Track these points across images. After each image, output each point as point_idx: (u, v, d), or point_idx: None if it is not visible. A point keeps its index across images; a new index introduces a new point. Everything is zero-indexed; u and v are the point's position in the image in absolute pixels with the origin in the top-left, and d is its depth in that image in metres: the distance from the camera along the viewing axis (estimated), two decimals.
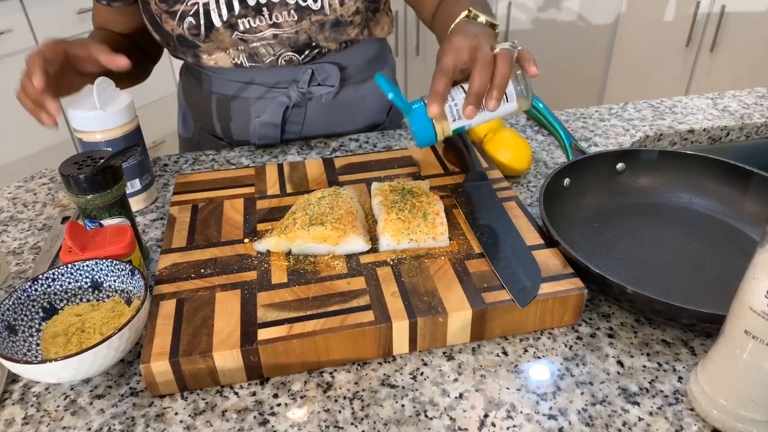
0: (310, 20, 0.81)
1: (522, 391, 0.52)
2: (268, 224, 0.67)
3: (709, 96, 1.04)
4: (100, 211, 0.63)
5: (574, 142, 0.84)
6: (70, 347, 0.53)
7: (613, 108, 1.01)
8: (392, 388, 0.52)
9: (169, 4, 0.78)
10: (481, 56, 0.58)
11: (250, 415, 0.50)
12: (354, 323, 0.53)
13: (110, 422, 0.50)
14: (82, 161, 0.62)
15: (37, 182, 0.87)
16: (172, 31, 0.80)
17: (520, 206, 0.68)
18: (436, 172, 0.76)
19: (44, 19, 1.94)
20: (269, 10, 0.80)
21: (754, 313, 0.42)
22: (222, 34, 0.80)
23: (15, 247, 0.72)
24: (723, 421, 0.47)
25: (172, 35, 0.81)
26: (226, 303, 0.56)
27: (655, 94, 1.88)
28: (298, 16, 0.81)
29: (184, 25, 0.79)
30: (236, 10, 0.79)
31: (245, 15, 0.79)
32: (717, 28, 2.22)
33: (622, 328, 0.58)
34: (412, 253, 0.61)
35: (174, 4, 0.78)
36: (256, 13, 0.80)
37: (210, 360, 0.51)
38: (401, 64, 2.48)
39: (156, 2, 0.79)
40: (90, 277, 0.58)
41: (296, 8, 0.80)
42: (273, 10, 0.80)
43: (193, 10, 0.78)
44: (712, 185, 0.72)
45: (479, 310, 0.54)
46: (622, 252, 0.66)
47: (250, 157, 0.89)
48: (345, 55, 0.89)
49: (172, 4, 0.78)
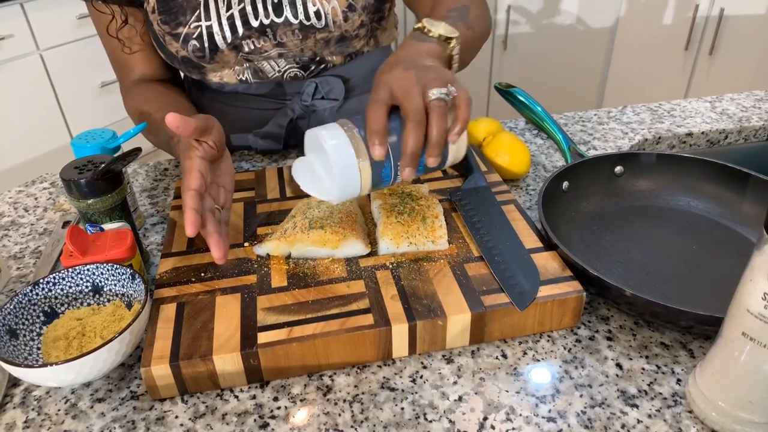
0: (315, 38, 0.81)
1: (521, 394, 0.52)
2: (268, 228, 0.67)
3: (708, 99, 1.04)
4: (100, 215, 0.63)
5: (572, 146, 0.85)
6: (71, 351, 0.53)
7: (612, 111, 1.02)
8: (392, 391, 0.53)
9: (172, 26, 0.77)
10: (413, 109, 0.52)
11: (250, 418, 0.51)
12: (354, 326, 0.53)
13: (111, 426, 0.50)
14: (82, 166, 0.62)
15: (38, 187, 0.87)
16: (176, 53, 0.79)
17: (518, 209, 0.68)
18: (436, 175, 0.76)
19: (45, 24, 1.95)
20: (273, 31, 0.79)
21: (752, 315, 0.42)
22: (227, 55, 0.80)
23: (16, 252, 0.73)
24: (722, 423, 0.47)
25: (177, 57, 0.80)
26: (226, 306, 0.56)
27: (654, 98, 1.89)
28: (303, 35, 0.80)
29: (189, 48, 0.78)
30: (240, 32, 0.78)
31: (249, 36, 0.79)
32: (716, 31, 2.23)
33: (621, 331, 0.58)
34: (411, 256, 0.61)
35: (176, 26, 0.77)
36: (260, 34, 0.79)
37: (210, 363, 0.51)
38: None
39: (158, 23, 0.78)
40: (91, 281, 0.58)
41: (300, 27, 0.79)
42: (277, 31, 0.79)
43: (196, 33, 0.77)
44: (710, 188, 0.72)
45: (478, 313, 0.54)
46: (621, 255, 0.66)
47: (250, 162, 0.89)
48: (349, 67, 0.89)
49: (174, 27, 0.77)
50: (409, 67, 0.55)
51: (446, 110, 0.53)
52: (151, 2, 0.77)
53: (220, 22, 0.77)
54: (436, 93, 0.53)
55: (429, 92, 0.53)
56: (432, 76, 0.54)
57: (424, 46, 0.61)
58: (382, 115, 0.53)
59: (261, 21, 0.78)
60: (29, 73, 1.96)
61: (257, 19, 0.78)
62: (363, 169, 0.53)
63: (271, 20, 0.78)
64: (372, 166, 0.54)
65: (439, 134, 0.52)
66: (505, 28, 2.45)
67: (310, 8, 0.79)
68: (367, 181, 0.54)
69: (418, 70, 0.55)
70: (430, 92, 0.53)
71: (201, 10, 0.77)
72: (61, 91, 2.05)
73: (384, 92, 0.54)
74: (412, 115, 0.52)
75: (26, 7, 1.89)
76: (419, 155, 0.53)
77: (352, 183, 0.54)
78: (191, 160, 0.58)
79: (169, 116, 0.55)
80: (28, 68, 1.95)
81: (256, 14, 0.78)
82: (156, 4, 0.77)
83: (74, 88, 2.08)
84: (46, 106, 2.02)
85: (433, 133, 0.52)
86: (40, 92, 2.00)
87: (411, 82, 0.54)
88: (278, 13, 0.78)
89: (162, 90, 0.84)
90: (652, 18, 2.33)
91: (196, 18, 0.77)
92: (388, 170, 0.55)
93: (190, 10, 0.77)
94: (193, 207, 0.54)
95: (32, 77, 1.97)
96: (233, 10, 0.77)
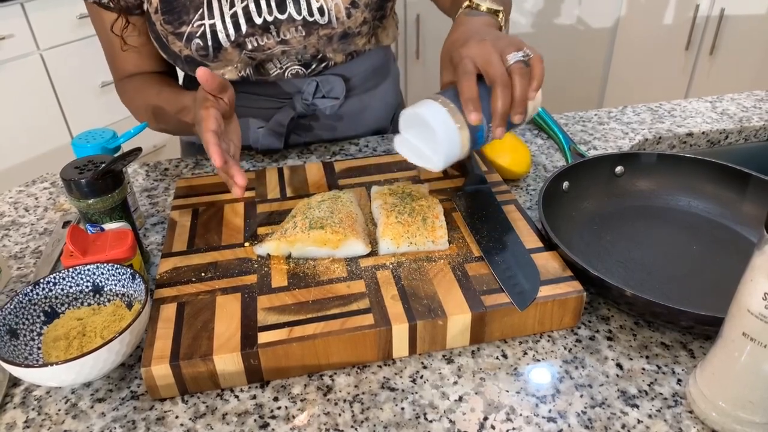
0: (318, 34, 0.81)
1: (521, 394, 0.52)
2: (268, 228, 0.67)
3: (708, 99, 1.04)
4: (101, 215, 0.63)
5: (573, 146, 0.85)
6: (71, 351, 0.53)
7: (612, 111, 1.02)
8: (392, 391, 0.53)
9: (175, 26, 0.77)
10: (498, 75, 0.58)
11: (251, 418, 0.51)
12: (354, 326, 0.53)
13: (111, 426, 0.50)
14: (83, 166, 0.62)
15: (38, 187, 0.87)
16: (180, 52, 0.80)
17: (519, 209, 0.68)
18: (436, 175, 0.76)
19: (45, 24, 1.95)
20: (276, 28, 0.79)
21: (752, 315, 0.42)
22: (230, 53, 0.80)
23: (16, 252, 0.73)
24: (722, 424, 0.47)
25: (180, 56, 0.80)
26: (226, 306, 0.56)
27: (654, 98, 1.89)
28: (306, 32, 0.80)
29: (192, 47, 0.78)
30: (243, 30, 0.78)
31: (252, 34, 0.79)
32: (716, 31, 2.22)
33: (621, 331, 0.58)
34: (411, 256, 0.61)
35: (180, 26, 0.77)
36: (264, 32, 0.79)
37: (210, 363, 0.51)
38: (401, 69, 2.49)
39: (161, 23, 0.78)
40: (91, 281, 0.58)
41: (303, 24, 0.80)
42: (280, 28, 0.79)
43: (199, 32, 0.77)
44: (710, 188, 0.72)
45: (479, 313, 0.54)
46: (621, 255, 0.66)
47: (251, 161, 0.89)
48: (350, 66, 0.89)
49: (177, 26, 0.77)
50: (482, 39, 0.61)
51: (526, 71, 0.59)
52: (154, 3, 0.77)
53: (224, 20, 0.77)
54: (514, 57, 0.59)
55: (507, 57, 0.59)
56: (505, 42, 0.60)
57: (482, 19, 0.68)
58: (474, 84, 0.58)
59: (264, 18, 0.78)
60: (29, 73, 1.95)
61: (261, 16, 0.78)
62: (463, 135, 0.59)
63: (275, 17, 0.78)
64: (469, 131, 0.60)
65: (523, 93, 0.58)
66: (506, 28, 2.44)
67: (313, 4, 0.79)
68: (465, 146, 0.60)
69: (492, 40, 0.61)
70: (508, 57, 0.59)
71: (204, 9, 0.77)
72: (61, 90, 2.04)
73: (469, 64, 0.59)
74: (500, 80, 0.57)
75: (26, 7, 1.89)
76: (508, 115, 0.59)
77: (454, 149, 0.60)
78: (208, 109, 0.63)
79: (200, 70, 0.62)
80: (29, 68, 1.95)
81: (260, 11, 0.78)
82: (159, 4, 0.77)
83: (74, 87, 2.07)
84: (47, 106, 2.02)
85: (517, 93, 0.58)
86: (41, 92, 2.00)
87: (490, 51, 0.59)
88: (281, 10, 0.78)
89: (159, 77, 0.87)
90: (652, 18, 2.33)
91: (200, 17, 0.77)
92: (482, 132, 0.61)
93: (194, 8, 0.77)
94: (215, 143, 0.60)
95: (32, 77, 1.97)
96: (237, 8, 0.77)
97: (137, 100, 0.85)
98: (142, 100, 0.84)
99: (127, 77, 0.88)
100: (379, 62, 0.93)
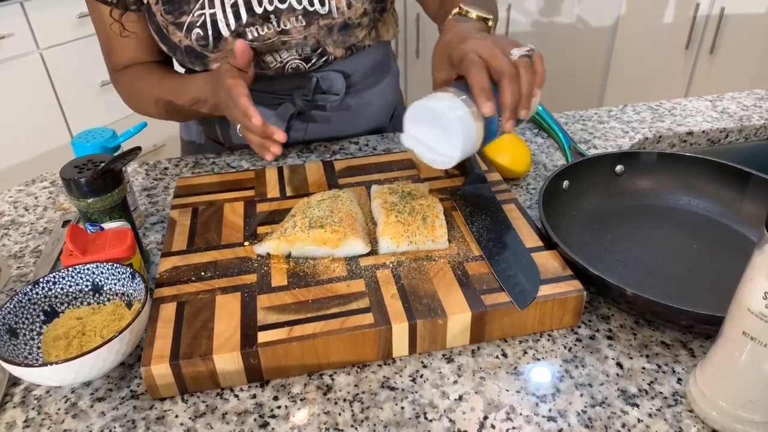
0: (318, 24, 0.81)
1: (521, 393, 0.52)
2: (268, 227, 0.67)
3: (708, 98, 1.04)
4: (100, 214, 0.63)
5: (573, 145, 0.85)
6: (70, 350, 0.53)
7: (612, 110, 1.02)
8: (392, 390, 0.53)
9: (176, 15, 0.78)
10: (506, 67, 0.57)
11: (251, 417, 0.51)
12: (354, 326, 0.53)
13: (111, 425, 0.50)
14: (82, 165, 0.62)
15: (38, 186, 0.87)
16: (179, 42, 0.80)
17: (519, 208, 0.68)
18: (436, 174, 0.76)
19: (45, 23, 1.95)
20: (277, 17, 0.79)
21: (752, 314, 0.42)
22: (231, 43, 0.80)
23: (16, 251, 0.73)
24: (722, 423, 0.47)
25: (180, 47, 0.80)
26: (226, 306, 0.56)
27: (654, 97, 1.89)
28: (306, 21, 0.80)
29: (192, 37, 0.78)
30: (244, 19, 0.78)
31: (253, 23, 0.79)
32: (716, 30, 2.22)
33: (622, 330, 0.58)
34: (411, 255, 0.61)
35: (180, 15, 0.78)
36: (264, 21, 0.79)
37: (210, 363, 0.51)
38: (401, 67, 2.49)
39: (162, 13, 0.78)
40: (91, 280, 0.58)
41: (304, 13, 0.80)
42: (281, 17, 0.79)
43: (200, 21, 0.77)
44: (710, 187, 0.72)
45: (479, 313, 0.54)
46: (621, 254, 0.66)
47: (251, 161, 0.89)
48: (350, 62, 0.89)
49: (178, 16, 0.78)
50: (482, 37, 0.61)
51: (531, 65, 0.59)
52: None
53: (224, 9, 0.77)
54: (518, 51, 0.59)
55: (511, 52, 0.59)
56: (504, 41, 0.61)
57: (473, 24, 0.68)
58: (485, 74, 0.58)
59: (265, 7, 0.78)
60: (29, 72, 1.95)
61: (261, 5, 0.78)
62: (479, 127, 0.59)
63: (275, 6, 0.79)
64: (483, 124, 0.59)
65: (530, 87, 0.58)
66: (506, 27, 2.44)
67: None
68: (480, 139, 0.59)
69: (491, 38, 0.61)
70: (512, 51, 0.59)
71: None
72: (61, 90, 2.04)
73: (475, 57, 0.59)
74: (507, 72, 0.57)
75: (26, 6, 1.89)
76: (517, 107, 0.59)
77: (471, 142, 0.58)
78: (235, 78, 0.69)
79: (239, 41, 0.69)
80: (28, 67, 1.95)
81: (260, 0, 0.78)
82: None
83: (74, 87, 2.07)
84: (46, 105, 2.02)
85: (524, 87, 0.58)
86: (40, 91, 2.00)
87: (492, 46, 0.59)
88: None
89: (158, 65, 0.88)
90: (652, 17, 2.33)
91: (200, 6, 0.77)
92: (493, 126, 0.60)
93: None
94: (252, 105, 0.66)
95: (32, 76, 1.97)
96: None
97: (141, 88, 0.86)
98: (144, 88, 0.85)
99: (124, 68, 0.88)
100: (380, 59, 0.93)
